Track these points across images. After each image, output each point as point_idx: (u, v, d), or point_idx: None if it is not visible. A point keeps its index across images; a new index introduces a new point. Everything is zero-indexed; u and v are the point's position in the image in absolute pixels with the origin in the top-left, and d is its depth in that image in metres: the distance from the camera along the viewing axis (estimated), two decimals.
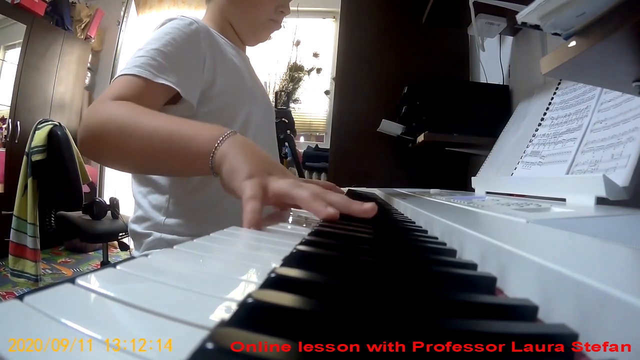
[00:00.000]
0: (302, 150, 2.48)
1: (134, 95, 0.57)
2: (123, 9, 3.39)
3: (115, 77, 0.61)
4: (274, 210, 0.49)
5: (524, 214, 0.34)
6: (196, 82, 0.67)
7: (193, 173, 0.56)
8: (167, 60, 0.62)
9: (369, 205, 0.40)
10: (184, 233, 0.69)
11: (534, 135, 0.74)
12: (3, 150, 2.57)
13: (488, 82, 1.25)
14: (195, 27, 0.68)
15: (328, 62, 3.08)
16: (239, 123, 0.75)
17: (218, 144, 0.46)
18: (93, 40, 3.30)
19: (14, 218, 1.79)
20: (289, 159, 2.18)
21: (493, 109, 1.06)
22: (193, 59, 0.67)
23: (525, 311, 0.16)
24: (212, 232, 0.29)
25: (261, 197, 0.40)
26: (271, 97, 2.71)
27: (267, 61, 2.95)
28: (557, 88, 0.76)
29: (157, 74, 0.60)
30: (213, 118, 0.71)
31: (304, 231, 0.33)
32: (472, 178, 0.83)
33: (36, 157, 1.76)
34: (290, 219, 0.45)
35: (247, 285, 0.18)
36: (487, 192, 0.74)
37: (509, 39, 1.14)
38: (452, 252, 0.27)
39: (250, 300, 0.13)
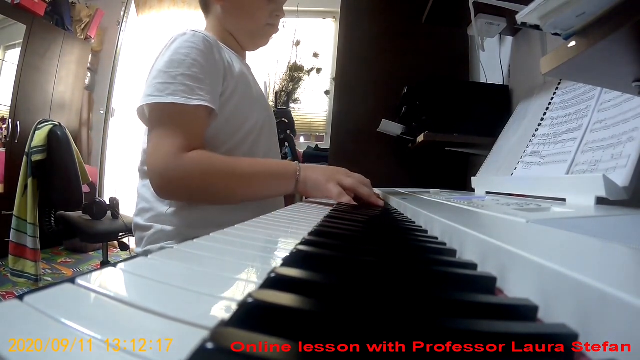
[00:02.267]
0: (302, 150, 2.48)
1: (187, 131, 0.66)
2: (123, 9, 3.38)
3: (150, 101, 0.65)
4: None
5: (524, 214, 0.34)
6: (218, 94, 0.72)
7: (278, 195, 0.76)
8: (196, 82, 0.67)
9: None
10: (186, 224, 0.70)
11: (534, 135, 0.74)
12: (3, 150, 2.56)
13: (488, 82, 1.25)
14: (207, 41, 0.72)
15: (328, 62, 3.08)
16: (247, 127, 0.78)
17: (298, 173, 0.70)
18: (93, 41, 3.30)
19: (14, 218, 1.79)
20: (289, 159, 2.17)
21: (493, 109, 1.06)
22: (214, 73, 0.71)
23: (525, 311, 0.16)
24: (213, 223, 0.29)
25: (343, 191, 0.67)
26: (271, 97, 2.71)
27: (267, 61, 2.95)
28: (557, 88, 0.76)
29: (190, 97, 0.66)
30: (223, 122, 0.74)
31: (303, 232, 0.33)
32: (472, 178, 0.83)
33: (36, 157, 1.75)
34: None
35: (247, 285, 0.18)
36: (487, 192, 0.74)
37: (509, 39, 1.14)
38: (452, 252, 0.27)
39: (250, 300, 0.13)
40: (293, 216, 0.48)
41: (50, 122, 1.84)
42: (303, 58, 3.12)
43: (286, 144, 2.14)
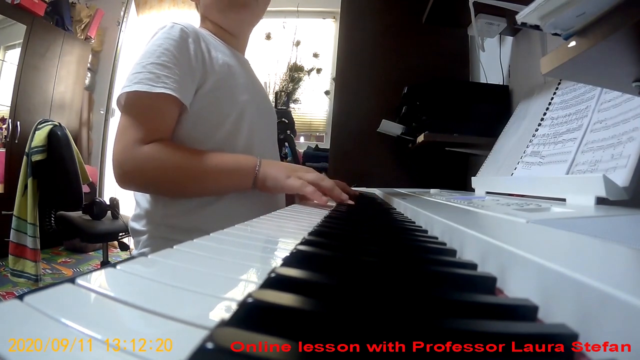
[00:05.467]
0: (302, 150, 2.48)
1: (149, 121, 0.66)
2: (123, 9, 3.39)
3: (120, 93, 0.67)
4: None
5: (524, 214, 0.34)
6: (190, 86, 0.70)
7: (234, 191, 0.72)
8: (164, 70, 0.66)
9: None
10: (181, 229, 0.70)
11: (534, 135, 0.74)
12: (3, 150, 2.56)
13: (488, 82, 1.25)
14: (184, 32, 0.71)
15: (328, 62, 3.08)
16: (230, 121, 0.75)
17: (257, 170, 0.68)
18: (93, 41, 3.30)
19: (14, 218, 1.79)
20: (289, 159, 2.17)
21: (493, 109, 1.06)
22: (186, 63, 0.69)
23: (525, 311, 0.16)
24: (206, 229, 0.29)
25: (305, 183, 0.65)
26: (271, 97, 2.70)
27: (267, 61, 2.95)
28: (557, 88, 0.76)
29: (154, 85, 0.65)
30: (203, 115, 0.72)
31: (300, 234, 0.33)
32: (472, 178, 0.83)
33: (36, 157, 1.75)
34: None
35: (247, 285, 0.18)
36: (487, 192, 0.74)
37: (509, 39, 1.14)
38: (452, 252, 0.27)
39: (250, 300, 0.13)
40: (293, 216, 0.48)
41: (50, 122, 1.84)
42: (303, 58, 3.12)
43: (286, 144, 2.14)
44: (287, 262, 0.21)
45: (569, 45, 0.35)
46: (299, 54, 3.12)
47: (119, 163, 0.65)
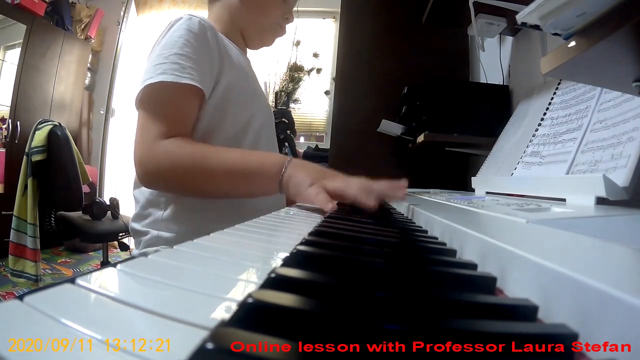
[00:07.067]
0: (302, 150, 2.47)
1: (171, 115, 0.63)
2: (123, 9, 3.38)
3: (143, 85, 0.63)
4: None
5: (524, 214, 0.34)
6: (210, 80, 0.70)
7: (260, 194, 0.67)
8: (188, 61, 0.65)
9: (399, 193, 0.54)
10: (181, 230, 0.70)
11: (534, 135, 0.74)
12: (3, 150, 2.56)
13: (488, 82, 1.25)
14: (202, 25, 0.70)
15: (328, 62, 3.08)
16: (242, 122, 0.75)
17: (284, 170, 0.59)
18: (93, 41, 3.30)
19: (14, 218, 1.79)
20: None
21: (493, 109, 1.06)
22: (206, 57, 0.69)
23: (525, 311, 0.16)
24: (207, 229, 0.29)
25: (322, 191, 0.53)
26: (271, 97, 2.71)
27: (267, 61, 2.95)
28: (557, 88, 0.76)
29: (181, 75, 0.63)
30: (215, 114, 0.71)
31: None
32: (472, 178, 0.83)
33: (36, 158, 1.75)
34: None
35: (247, 285, 0.18)
36: (487, 192, 0.74)
37: (509, 39, 1.14)
38: (452, 252, 0.27)
39: (250, 300, 0.13)
40: (293, 217, 0.48)
41: (50, 122, 1.84)
42: (303, 58, 3.12)
43: (286, 144, 2.14)
44: (287, 262, 0.21)
45: (569, 45, 0.35)
46: (299, 53, 3.12)
47: (140, 161, 0.62)
